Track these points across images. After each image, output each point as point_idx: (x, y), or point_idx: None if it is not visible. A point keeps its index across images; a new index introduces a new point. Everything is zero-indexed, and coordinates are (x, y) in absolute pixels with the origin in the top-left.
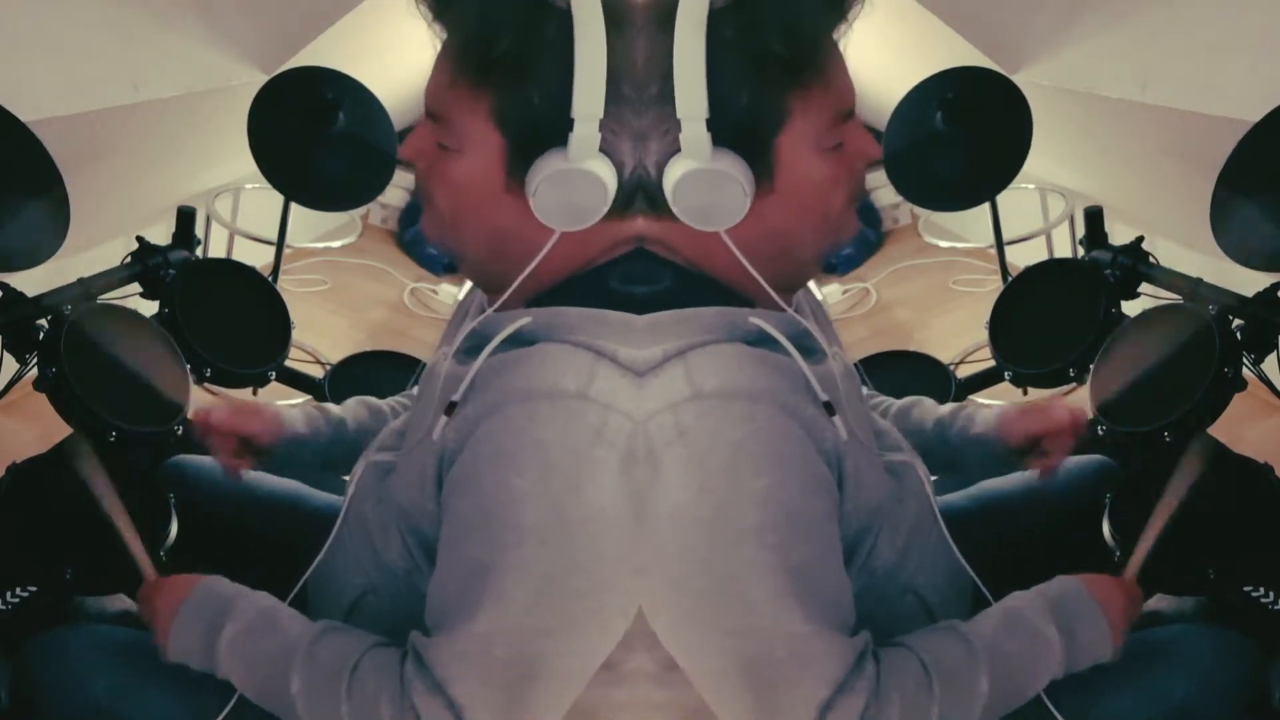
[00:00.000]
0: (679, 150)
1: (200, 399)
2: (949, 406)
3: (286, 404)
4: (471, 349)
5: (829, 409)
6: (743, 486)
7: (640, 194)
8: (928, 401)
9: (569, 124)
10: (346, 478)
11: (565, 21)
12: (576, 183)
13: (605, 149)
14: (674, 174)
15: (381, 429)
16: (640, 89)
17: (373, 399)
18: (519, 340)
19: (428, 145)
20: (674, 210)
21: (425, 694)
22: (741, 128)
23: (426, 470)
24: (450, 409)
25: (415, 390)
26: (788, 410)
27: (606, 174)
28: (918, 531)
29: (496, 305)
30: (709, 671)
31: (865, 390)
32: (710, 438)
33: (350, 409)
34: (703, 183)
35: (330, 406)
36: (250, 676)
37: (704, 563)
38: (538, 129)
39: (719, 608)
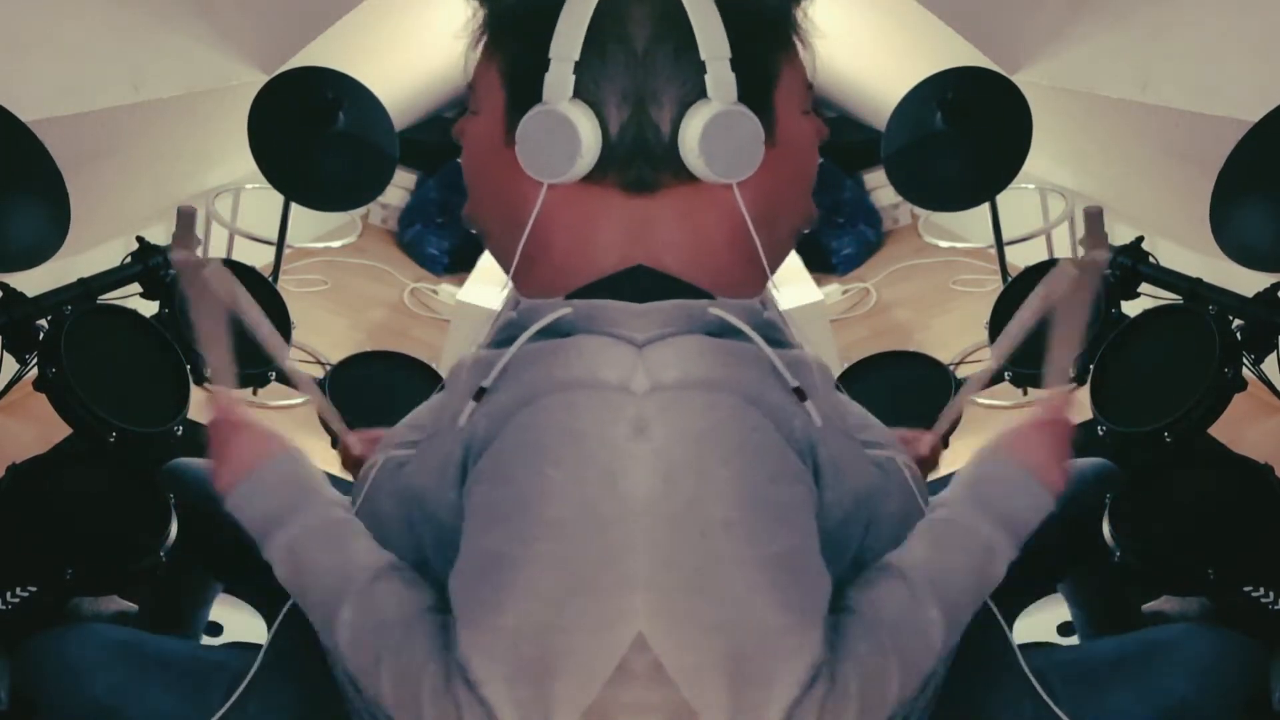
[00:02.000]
0: (692, 104)
1: (200, 399)
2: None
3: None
4: (505, 339)
5: (800, 395)
6: (708, 478)
7: (641, 166)
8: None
9: (546, 65)
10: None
11: None
12: (551, 126)
13: (587, 98)
14: (699, 119)
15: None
16: (646, 50)
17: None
18: (555, 332)
19: (463, 117)
20: (695, 160)
21: (464, 688)
22: (749, 79)
23: (451, 457)
24: (479, 395)
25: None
26: (750, 398)
27: (582, 119)
28: (908, 526)
29: (504, 294)
30: (687, 668)
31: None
32: (671, 430)
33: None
34: (727, 125)
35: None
36: (297, 581)
37: (672, 558)
38: (531, 81)
39: (692, 603)
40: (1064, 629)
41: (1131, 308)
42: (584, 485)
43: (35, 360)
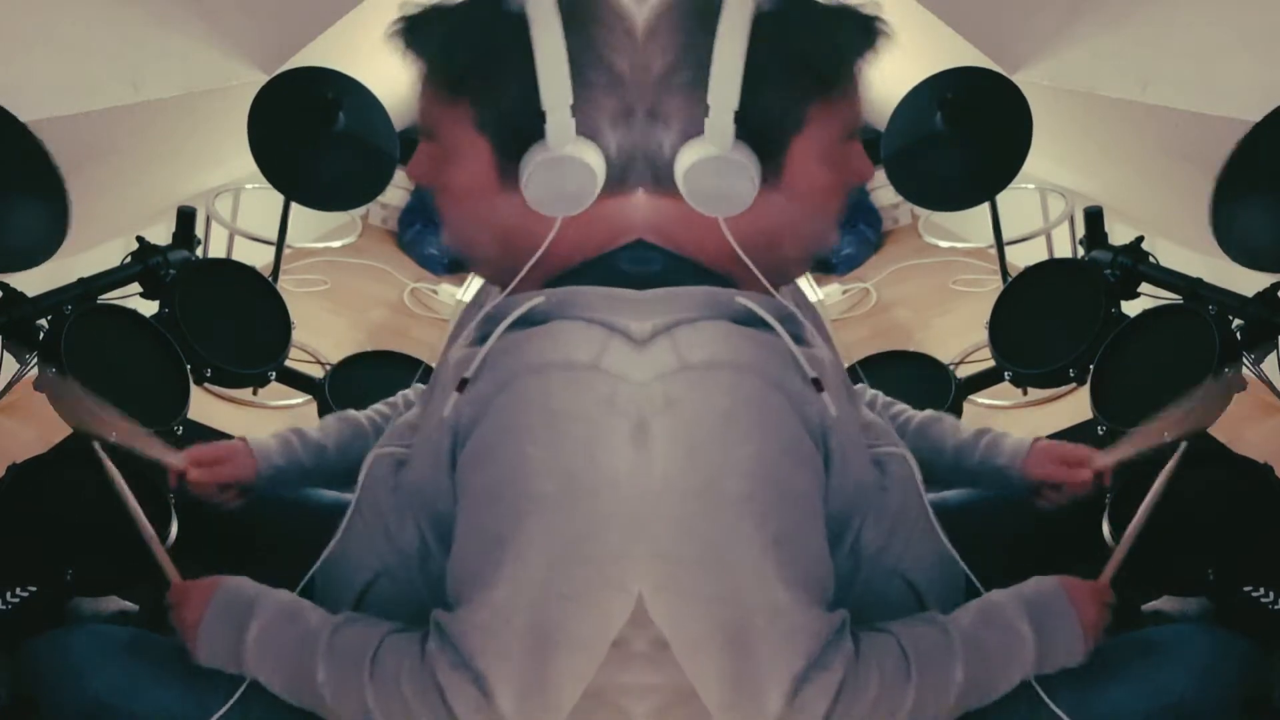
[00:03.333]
0: (696, 134)
1: (200, 399)
2: (970, 431)
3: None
4: (485, 334)
5: (816, 385)
6: (729, 455)
7: (646, 169)
8: (948, 420)
9: (542, 116)
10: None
11: (522, 24)
12: (563, 169)
13: (584, 131)
14: (689, 157)
15: (361, 443)
16: (659, 75)
17: (351, 411)
18: (531, 321)
19: (428, 164)
20: (681, 191)
21: (449, 668)
22: (763, 125)
23: (441, 447)
24: (463, 386)
25: (404, 393)
26: (773, 382)
27: (591, 155)
28: (904, 520)
29: (508, 290)
30: (690, 640)
31: (887, 398)
32: (697, 407)
33: (330, 428)
34: (716, 169)
35: (309, 431)
36: (278, 673)
37: (689, 530)
38: (517, 128)
39: (701, 575)
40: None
41: (1131, 308)
42: (562, 459)
43: (35, 360)
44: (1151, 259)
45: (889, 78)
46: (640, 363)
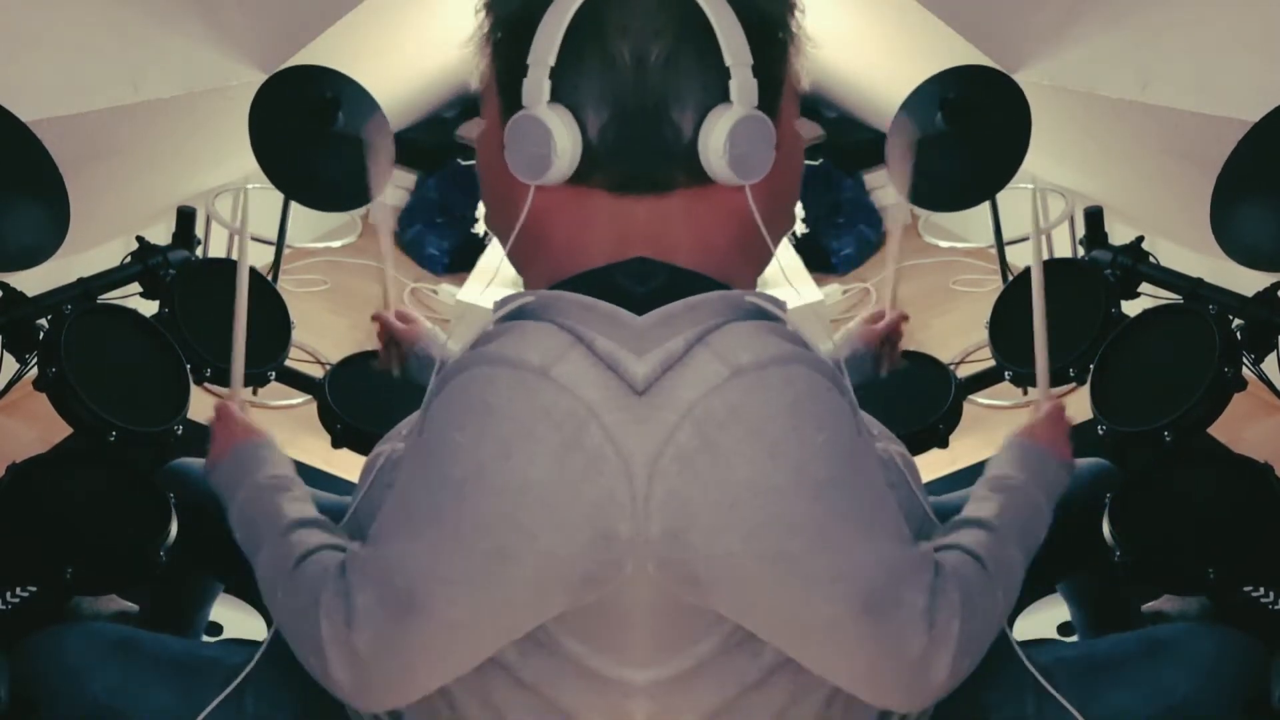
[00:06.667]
0: (711, 108)
1: (201, 399)
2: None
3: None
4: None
5: (839, 368)
6: (808, 444)
7: (643, 167)
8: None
9: (524, 70)
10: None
11: None
12: (529, 130)
13: (565, 101)
14: (724, 122)
15: None
16: (657, 57)
17: None
18: (519, 318)
19: (474, 124)
20: (718, 162)
21: (331, 591)
22: (762, 84)
23: (416, 426)
24: (440, 369)
25: None
26: (817, 368)
27: (557, 123)
28: (911, 520)
29: (505, 249)
30: (824, 623)
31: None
32: (765, 407)
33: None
34: (751, 130)
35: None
36: (241, 537)
37: (792, 525)
38: (519, 88)
39: (818, 562)
40: (1064, 629)
41: (1131, 308)
42: (479, 453)
43: (35, 360)
44: (1151, 259)
45: (889, 78)
46: (631, 404)
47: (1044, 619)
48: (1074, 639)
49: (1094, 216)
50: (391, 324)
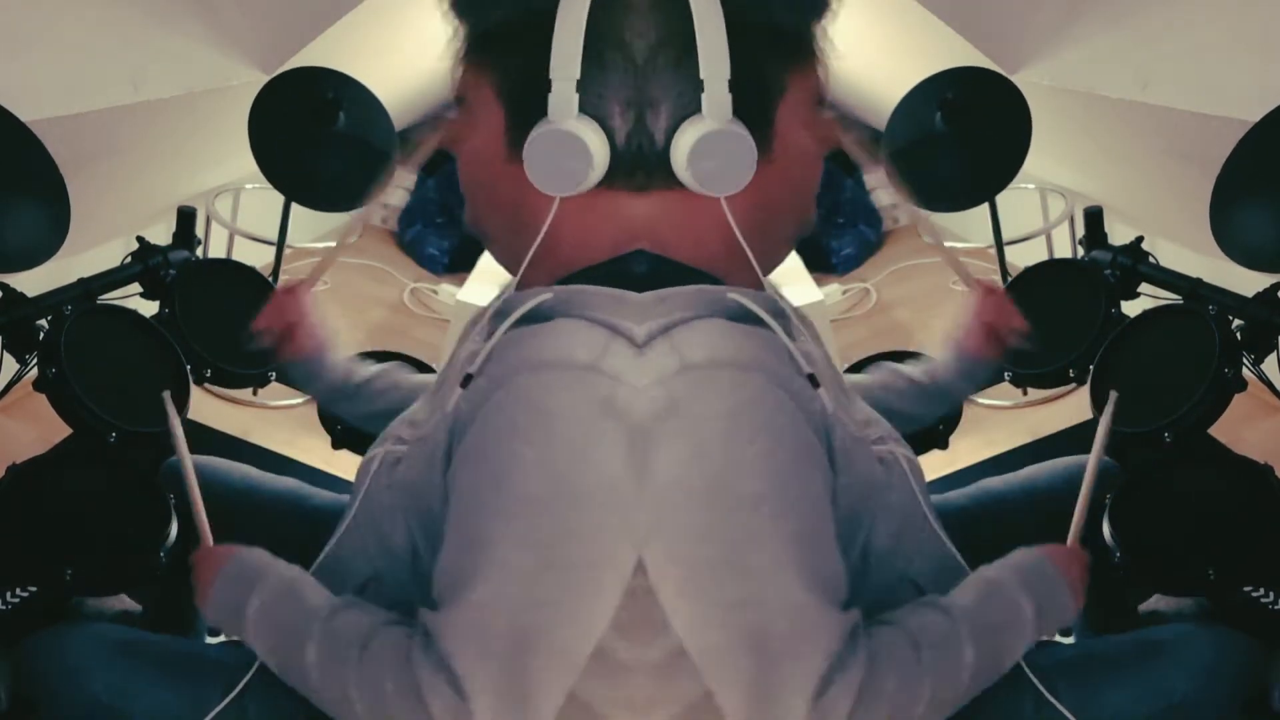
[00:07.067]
0: (689, 116)
1: (200, 399)
2: (909, 371)
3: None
4: (494, 330)
5: (813, 381)
6: (737, 454)
7: (641, 164)
8: (885, 369)
9: (548, 85)
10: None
11: None
12: (560, 143)
13: (591, 112)
14: (690, 135)
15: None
16: (647, 58)
17: (412, 378)
18: (537, 318)
19: (454, 129)
20: (684, 173)
21: (428, 669)
22: (750, 95)
23: (439, 443)
24: (466, 381)
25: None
26: (776, 380)
27: (590, 135)
28: (910, 522)
29: (516, 280)
30: (711, 647)
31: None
32: (702, 407)
33: (383, 380)
34: (721, 143)
35: (366, 372)
36: (271, 645)
37: (702, 533)
38: (529, 99)
39: (719, 579)
40: (1063, 629)
41: (1131, 308)
42: (554, 462)
43: (35, 360)
44: (1151, 259)
45: (889, 78)
46: (640, 367)
47: None
48: (1072, 640)
49: (1094, 217)
50: (304, 320)
